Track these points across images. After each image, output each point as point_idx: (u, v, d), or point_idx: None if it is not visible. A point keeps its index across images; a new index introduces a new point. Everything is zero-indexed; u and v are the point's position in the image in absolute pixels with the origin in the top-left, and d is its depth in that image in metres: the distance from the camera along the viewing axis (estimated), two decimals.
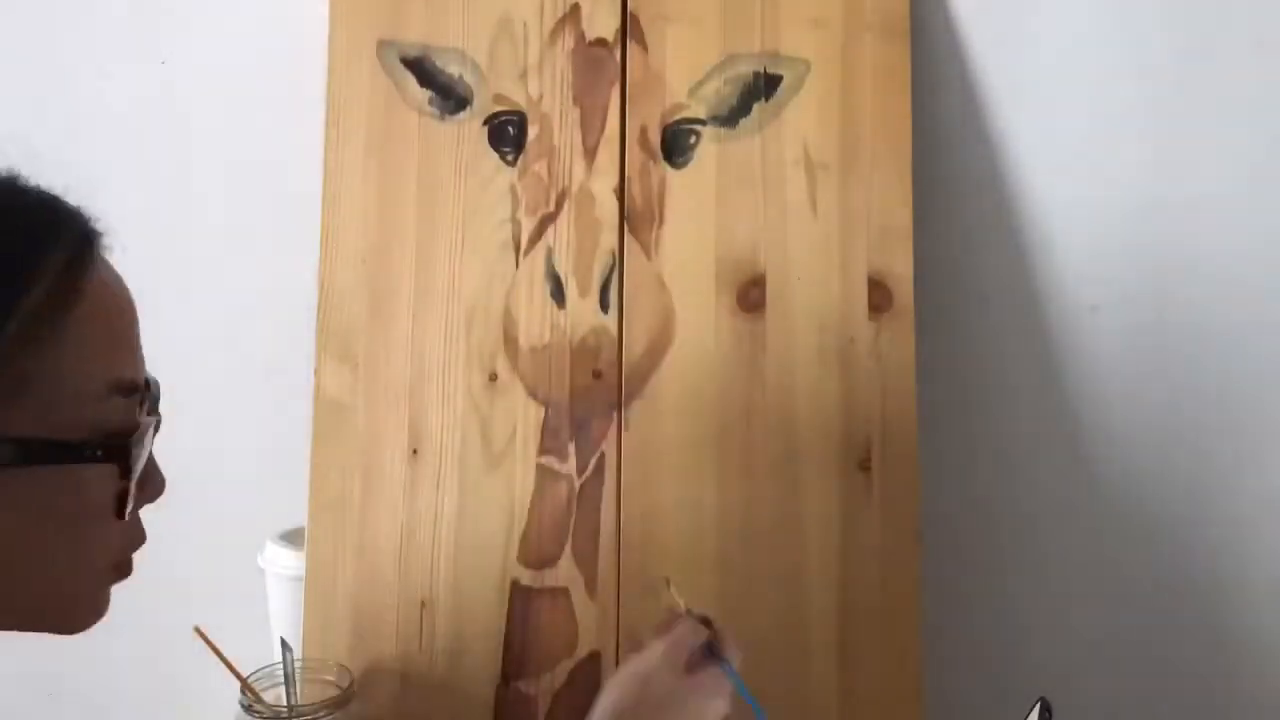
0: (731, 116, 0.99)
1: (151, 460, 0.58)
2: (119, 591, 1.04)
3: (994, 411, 1.09)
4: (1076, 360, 1.08)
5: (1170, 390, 1.08)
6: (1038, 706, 0.74)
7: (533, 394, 0.96)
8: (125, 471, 0.54)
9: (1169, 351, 1.08)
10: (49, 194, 0.54)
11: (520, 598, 0.94)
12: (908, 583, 0.96)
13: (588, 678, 0.93)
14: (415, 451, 0.95)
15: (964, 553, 1.09)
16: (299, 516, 0.95)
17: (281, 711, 0.85)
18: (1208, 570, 1.10)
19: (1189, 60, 1.05)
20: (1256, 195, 1.06)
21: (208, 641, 0.85)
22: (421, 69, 0.98)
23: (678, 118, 0.99)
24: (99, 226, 0.55)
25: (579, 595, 0.94)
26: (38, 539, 0.53)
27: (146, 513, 0.59)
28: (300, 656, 0.91)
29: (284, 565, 0.96)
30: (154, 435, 0.57)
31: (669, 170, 0.98)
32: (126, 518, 0.55)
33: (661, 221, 0.98)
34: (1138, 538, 1.10)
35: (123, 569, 0.58)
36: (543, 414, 0.96)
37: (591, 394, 0.96)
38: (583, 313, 0.97)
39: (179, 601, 1.03)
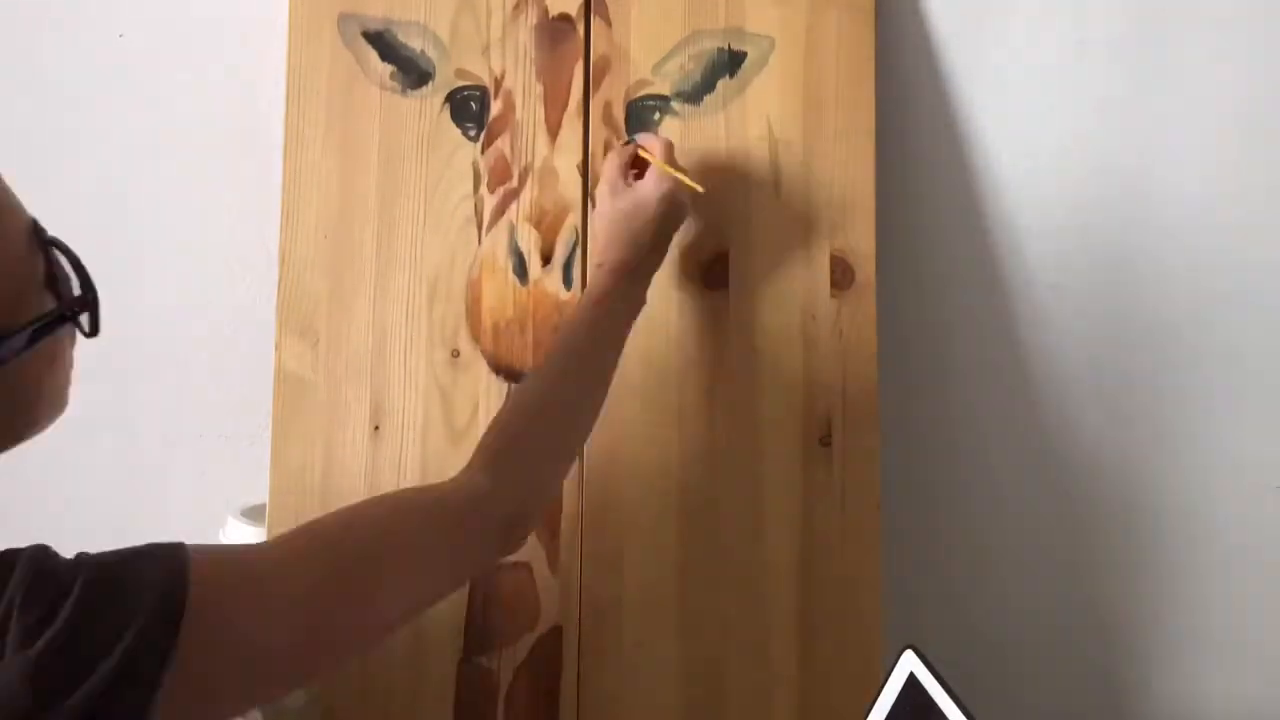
0: (695, 93, 0.99)
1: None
2: None
3: (954, 387, 1.09)
4: (1036, 337, 1.08)
5: (1129, 367, 1.09)
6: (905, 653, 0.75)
7: (495, 370, 0.96)
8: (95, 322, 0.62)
9: (1128, 329, 1.08)
10: None
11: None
12: (869, 557, 0.97)
13: (549, 652, 0.94)
14: (377, 428, 0.95)
15: (925, 527, 1.10)
16: (261, 493, 0.95)
17: None
18: (1165, 542, 1.11)
19: (1153, 39, 1.05)
20: (1216, 174, 1.07)
21: None
22: (383, 43, 0.97)
23: (642, 94, 0.98)
24: None
25: (541, 570, 0.95)
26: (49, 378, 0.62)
27: (110, 491, 0.59)
28: None
29: (246, 542, 0.96)
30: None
31: None
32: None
33: None
34: (1097, 510, 1.11)
35: None
36: (505, 390, 0.96)
37: None
38: (546, 289, 0.97)
39: None
